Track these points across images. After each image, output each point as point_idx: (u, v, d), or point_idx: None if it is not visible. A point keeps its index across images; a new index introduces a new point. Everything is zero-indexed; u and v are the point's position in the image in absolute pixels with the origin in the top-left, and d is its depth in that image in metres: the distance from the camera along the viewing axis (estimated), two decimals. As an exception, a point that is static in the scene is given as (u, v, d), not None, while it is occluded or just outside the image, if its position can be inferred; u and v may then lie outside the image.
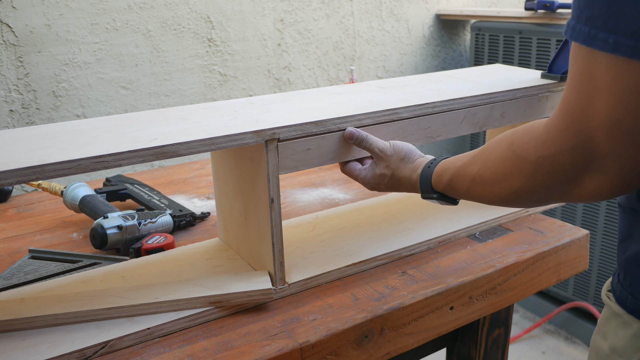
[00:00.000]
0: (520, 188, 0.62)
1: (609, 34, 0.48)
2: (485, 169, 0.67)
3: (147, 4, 1.68)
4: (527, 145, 0.59)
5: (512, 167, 0.62)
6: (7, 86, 1.51)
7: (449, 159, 0.79)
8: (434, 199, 0.81)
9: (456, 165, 0.74)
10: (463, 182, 0.73)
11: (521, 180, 0.61)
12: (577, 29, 0.51)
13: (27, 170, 0.64)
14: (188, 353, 0.71)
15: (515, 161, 0.61)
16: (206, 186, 1.32)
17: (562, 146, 0.54)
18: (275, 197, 0.79)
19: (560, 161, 0.55)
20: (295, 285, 0.84)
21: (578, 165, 0.54)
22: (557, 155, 0.55)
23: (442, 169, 0.78)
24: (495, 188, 0.66)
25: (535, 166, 0.58)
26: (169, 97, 1.79)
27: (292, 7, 1.98)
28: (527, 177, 0.60)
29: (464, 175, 0.72)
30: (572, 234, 1.02)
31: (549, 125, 0.56)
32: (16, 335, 0.72)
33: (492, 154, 0.66)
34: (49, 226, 1.12)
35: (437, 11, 2.41)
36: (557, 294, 2.20)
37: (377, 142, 0.84)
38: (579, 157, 0.53)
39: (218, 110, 0.89)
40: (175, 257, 0.92)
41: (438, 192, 0.79)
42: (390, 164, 0.84)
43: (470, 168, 0.71)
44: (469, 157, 0.72)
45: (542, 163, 0.57)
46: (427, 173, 0.80)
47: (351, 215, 1.07)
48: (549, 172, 0.57)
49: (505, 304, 0.94)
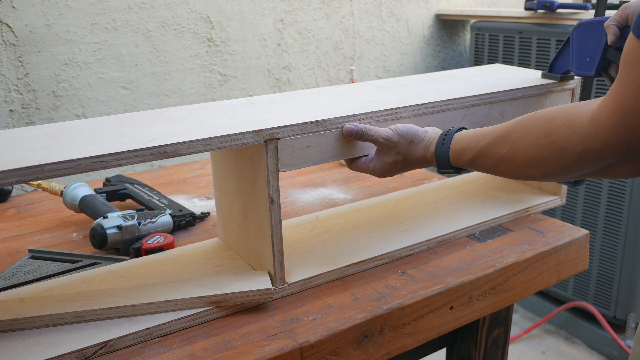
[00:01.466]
0: (557, 172, 0.65)
1: None
2: (516, 152, 0.68)
3: (147, 4, 1.68)
4: (571, 138, 0.60)
5: (550, 155, 0.64)
6: (7, 86, 1.51)
7: (463, 135, 0.79)
8: (452, 174, 0.84)
9: (480, 145, 0.75)
10: (488, 161, 0.74)
11: (560, 167, 0.64)
12: None
13: (27, 170, 0.64)
14: (188, 353, 0.71)
15: (556, 151, 0.63)
16: (206, 186, 1.32)
17: (611, 143, 0.56)
18: (275, 197, 0.79)
19: (605, 155, 0.58)
20: (295, 285, 0.84)
21: (621, 158, 0.57)
22: (604, 150, 0.57)
23: (461, 148, 0.78)
24: (527, 170, 0.68)
25: (578, 158, 0.60)
26: (169, 97, 1.79)
27: (292, 7, 1.98)
28: (567, 165, 0.62)
29: (489, 155, 0.74)
30: (572, 234, 1.02)
31: (597, 121, 0.57)
32: (16, 335, 0.72)
33: (524, 138, 0.67)
34: (49, 226, 1.12)
35: (437, 11, 2.41)
36: (557, 294, 2.20)
37: (379, 132, 0.84)
38: (625, 152, 0.56)
39: (218, 110, 0.89)
40: (175, 257, 0.92)
41: (455, 168, 0.81)
42: (400, 150, 0.84)
43: (497, 149, 0.72)
44: (492, 136, 0.73)
45: (586, 155, 0.59)
46: (443, 150, 0.81)
47: (351, 215, 1.07)
48: (591, 163, 0.60)
49: (505, 304, 0.94)
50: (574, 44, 1.00)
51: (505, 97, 0.99)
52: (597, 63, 0.95)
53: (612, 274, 1.98)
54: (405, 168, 0.86)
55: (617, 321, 2.02)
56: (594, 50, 0.96)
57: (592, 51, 0.96)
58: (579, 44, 0.99)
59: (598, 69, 0.95)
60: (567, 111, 0.63)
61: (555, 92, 1.05)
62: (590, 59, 0.97)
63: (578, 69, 1.00)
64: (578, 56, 0.99)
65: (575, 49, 1.00)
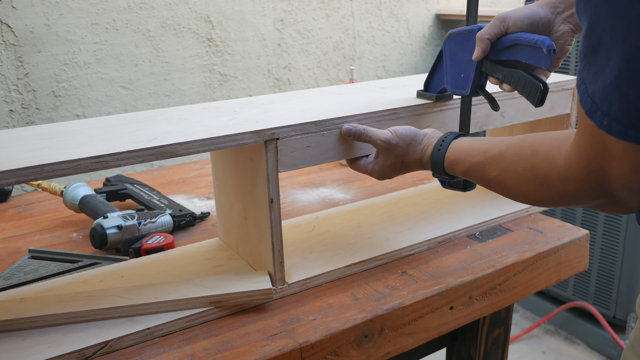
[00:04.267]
0: (546, 204, 0.67)
1: (604, 116, 0.49)
2: (505, 178, 0.70)
3: (147, 4, 1.68)
4: (551, 177, 0.61)
5: (535, 190, 0.65)
6: (7, 86, 1.51)
7: (460, 145, 0.79)
8: (446, 180, 0.84)
9: (472, 161, 0.75)
10: (480, 178, 0.75)
11: (545, 201, 0.65)
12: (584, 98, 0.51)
13: (27, 170, 0.64)
14: (188, 353, 0.71)
15: (539, 187, 0.64)
16: (206, 186, 1.32)
17: (585, 186, 0.57)
18: (274, 197, 0.79)
19: (583, 196, 0.58)
20: (295, 285, 0.84)
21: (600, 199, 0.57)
22: (580, 191, 0.58)
23: (455, 158, 0.78)
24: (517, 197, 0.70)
25: (559, 195, 0.61)
26: (169, 97, 1.79)
27: (292, 7, 1.98)
28: (553, 201, 0.64)
29: (480, 173, 0.74)
30: (572, 234, 1.02)
31: (570, 164, 0.58)
32: (16, 335, 0.72)
33: (512, 167, 0.68)
34: (49, 226, 1.12)
35: (437, 11, 2.41)
36: (557, 294, 2.20)
37: (378, 135, 0.83)
38: (600, 195, 0.56)
39: (217, 110, 0.89)
40: (175, 257, 0.92)
41: (450, 175, 0.81)
42: (399, 152, 0.83)
43: (487, 170, 0.72)
44: (485, 155, 0.73)
45: (567, 195, 0.60)
46: (439, 156, 0.80)
47: (351, 215, 1.07)
48: (572, 201, 0.61)
49: (505, 304, 0.94)
50: (447, 58, 0.88)
51: (505, 97, 0.99)
52: (471, 79, 0.84)
53: (612, 274, 1.98)
54: (404, 170, 0.86)
55: (617, 321, 2.02)
56: (467, 65, 0.84)
57: (466, 66, 0.84)
58: (451, 58, 0.87)
59: (474, 86, 0.84)
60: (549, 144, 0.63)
61: (552, 92, 1.03)
62: (464, 75, 0.85)
63: (453, 87, 0.88)
64: (452, 72, 0.87)
65: (449, 63, 0.88)
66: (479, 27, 0.82)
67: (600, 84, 0.48)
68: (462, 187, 0.87)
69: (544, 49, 0.73)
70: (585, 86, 0.51)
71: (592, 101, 0.49)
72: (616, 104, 0.47)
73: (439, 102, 0.93)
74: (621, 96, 0.46)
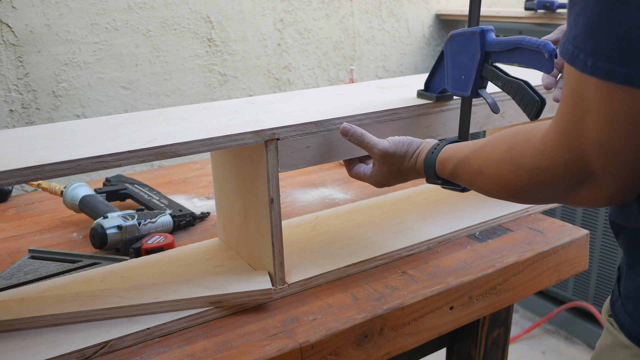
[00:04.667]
0: (518, 191, 0.63)
1: (588, 56, 0.47)
2: (486, 167, 0.68)
3: (147, 4, 1.68)
4: (525, 154, 0.59)
5: (508, 172, 0.62)
6: (7, 86, 1.51)
7: (452, 146, 0.78)
8: (439, 184, 0.81)
9: (459, 156, 0.74)
10: (465, 174, 0.73)
11: (518, 185, 0.62)
12: (566, 46, 0.50)
13: (27, 170, 0.64)
14: (188, 353, 0.71)
15: (512, 167, 0.62)
16: (206, 186, 1.32)
17: (557, 160, 0.54)
18: (275, 197, 0.79)
19: (555, 173, 0.56)
20: (295, 285, 0.84)
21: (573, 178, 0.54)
22: (552, 168, 0.55)
23: (445, 157, 0.77)
24: (494, 187, 0.67)
25: (531, 175, 0.59)
26: (169, 97, 1.79)
27: (292, 7, 1.98)
28: (524, 183, 0.61)
29: (466, 167, 0.73)
30: (572, 234, 1.02)
31: (545, 138, 0.56)
32: (16, 335, 0.72)
33: (492, 153, 0.66)
34: (49, 226, 1.12)
35: (437, 11, 2.41)
36: (557, 294, 2.20)
37: (376, 144, 0.82)
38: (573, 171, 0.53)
39: (218, 110, 0.89)
40: (175, 257, 0.92)
41: (442, 179, 0.80)
42: (395, 161, 0.83)
43: (472, 162, 0.71)
44: (471, 149, 0.72)
45: (538, 173, 0.58)
46: (431, 159, 0.79)
47: (351, 215, 1.07)
48: (544, 182, 0.58)
49: (505, 304, 0.94)
50: (447, 59, 0.88)
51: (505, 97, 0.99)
52: (472, 81, 0.84)
53: (612, 274, 1.98)
54: (400, 178, 0.85)
55: (617, 321, 2.02)
56: (468, 67, 0.84)
57: (467, 68, 0.85)
58: (452, 59, 0.87)
59: (474, 88, 0.84)
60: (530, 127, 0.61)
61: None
62: (465, 76, 0.85)
63: (454, 88, 0.88)
64: (452, 73, 0.87)
65: (450, 64, 0.88)
66: (480, 29, 0.82)
67: (585, 20, 0.46)
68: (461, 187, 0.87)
69: (545, 53, 0.73)
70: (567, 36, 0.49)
71: (574, 46, 0.48)
72: (603, 37, 0.45)
73: (440, 102, 0.92)
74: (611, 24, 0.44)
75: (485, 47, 0.82)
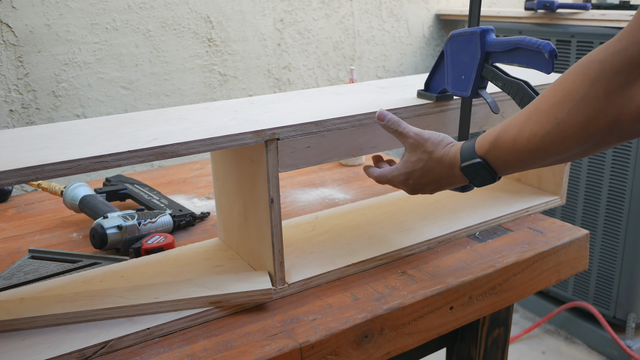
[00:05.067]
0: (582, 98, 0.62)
1: None
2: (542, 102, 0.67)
3: (147, 4, 1.68)
4: (597, 51, 0.61)
5: (575, 77, 0.63)
6: (7, 86, 1.51)
7: None
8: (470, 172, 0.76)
9: (503, 123, 0.73)
10: (514, 129, 0.70)
11: (584, 88, 0.61)
12: None
13: (27, 170, 0.64)
14: (188, 353, 0.71)
15: (580, 67, 0.62)
16: (206, 186, 1.32)
17: (635, 38, 0.57)
18: (275, 197, 0.79)
19: (629, 54, 0.58)
20: (295, 285, 0.84)
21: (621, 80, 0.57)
22: (628, 48, 0.58)
23: (487, 133, 0.75)
24: (552, 110, 0.65)
25: (602, 65, 0.60)
26: (169, 97, 1.79)
27: (292, 7, 1.98)
28: (591, 80, 0.61)
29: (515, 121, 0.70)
30: (572, 234, 1.02)
31: (622, 31, 0.59)
32: (16, 335, 0.72)
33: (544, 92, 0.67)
34: (49, 226, 1.12)
35: (437, 11, 2.41)
36: (557, 294, 2.20)
37: (413, 128, 0.81)
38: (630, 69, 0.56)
39: (218, 110, 0.89)
40: (175, 257, 0.92)
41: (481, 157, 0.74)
42: (428, 147, 0.80)
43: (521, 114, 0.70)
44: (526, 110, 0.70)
45: (610, 60, 0.59)
46: (470, 142, 0.76)
47: (351, 215, 1.07)
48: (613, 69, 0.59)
49: (505, 304, 0.94)
50: (448, 59, 0.88)
51: (504, 97, 0.99)
52: (472, 82, 0.84)
53: (612, 274, 1.98)
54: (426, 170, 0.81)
55: (617, 321, 2.02)
56: (468, 67, 0.85)
57: (467, 68, 0.85)
58: (453, 59, 0.87)
59: (475, 88, 0.84)
60: None
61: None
62: (465, 76, 0.85)
63: (454, 88, 0.88)
64: (453, 73, 0.88)
65: (450, 64, 0.88)
66: (480, 29, 0.82)
67: None
68: (461, 188, 0.86)
69: (545, 53, 0.73)
70: None
71: None
72: None
73: (440, 102, 0.92)
74: None
75: (486, 47, 0.82)
